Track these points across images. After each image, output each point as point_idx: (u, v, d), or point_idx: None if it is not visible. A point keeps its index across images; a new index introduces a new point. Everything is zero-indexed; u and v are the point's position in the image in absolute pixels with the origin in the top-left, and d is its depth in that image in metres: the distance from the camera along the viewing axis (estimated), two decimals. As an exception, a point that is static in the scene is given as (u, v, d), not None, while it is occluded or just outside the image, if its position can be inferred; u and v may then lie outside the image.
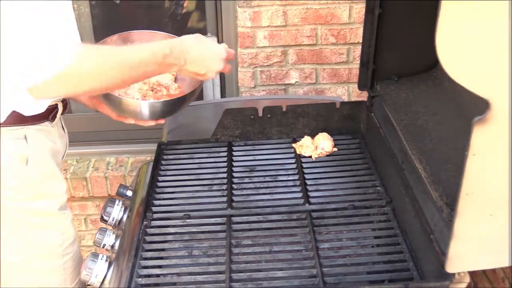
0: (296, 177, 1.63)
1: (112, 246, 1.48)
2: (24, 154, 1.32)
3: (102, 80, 1.27)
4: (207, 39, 1.47)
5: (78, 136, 2.35)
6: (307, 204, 1.51)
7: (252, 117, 1.81)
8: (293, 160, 1.71)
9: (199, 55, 1.41)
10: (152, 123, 1.53)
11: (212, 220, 1.47)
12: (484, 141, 0.96)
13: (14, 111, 1.28)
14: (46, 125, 1.38)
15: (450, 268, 1.10)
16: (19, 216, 1.35)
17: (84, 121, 2.48)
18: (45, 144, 1.38)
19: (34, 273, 1.42)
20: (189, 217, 1.49)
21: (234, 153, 1.76)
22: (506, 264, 1.12)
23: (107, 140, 2.58)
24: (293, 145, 1.77)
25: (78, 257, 1.50)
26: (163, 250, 1.39)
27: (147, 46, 1.37)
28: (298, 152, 1.74)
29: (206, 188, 1.61)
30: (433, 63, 1.69)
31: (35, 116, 1.32)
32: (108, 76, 1.27)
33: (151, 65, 1.33)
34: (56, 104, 1.40)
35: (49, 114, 1.37)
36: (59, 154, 1.46)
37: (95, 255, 1.40)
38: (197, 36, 1.42)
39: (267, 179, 1.64)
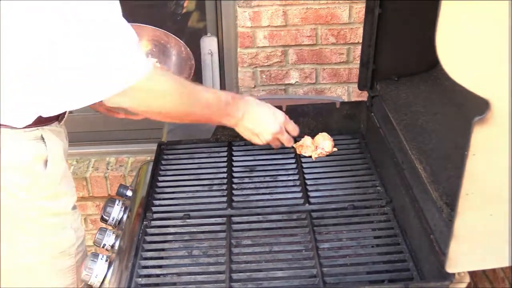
0: (296, 177, 1.63)
1: (112, 246, 1.48)
2: (43, 154, 1.33)
3: (169, 102, 1.33)
4: (270, 104, 1.56)
5: (78, 136, 2.35)
6: (307, 204, 1.51)
7: (252, 117, 1.81)
8: (293, 160, 1.71)
9: (257, 112, 1.51)
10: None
11: (212, 220, 1.47)
12: (484, 141, 0.95)
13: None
14: (55, 126, 1.38)
15: (450, 268, 1.10)
16: (36, 216, 1.35)
17: (84, 121, 2.48)
18: (59, 144, 1.38)
19: (46, 275, 1.42)
20: (189, 217, 1.49)
21: (234, 153, 1.76)
22: (506, 264, 1.12)
23: (107, 140, 2.58)
24: (293, 145, 1.77)
25: (86, 256, 1.50)
26: (163, 250, 1.39)
27: (213, 90, 1.48)
28: (298, 152, 1.73)
29: (206, 188, 1.61)
30: (433, 63, 1.69)
31: (49, 117, 1.32)
32: (176, 101, 1.34)
33: (214, 108, 1.41)
34: None
35: (58, 115, 1.38)
36: (67, 154, 1.47)
37: (95, 255, 1.39)
38: (261, 100, 1.52)
39: (267, 179, 1.64)
